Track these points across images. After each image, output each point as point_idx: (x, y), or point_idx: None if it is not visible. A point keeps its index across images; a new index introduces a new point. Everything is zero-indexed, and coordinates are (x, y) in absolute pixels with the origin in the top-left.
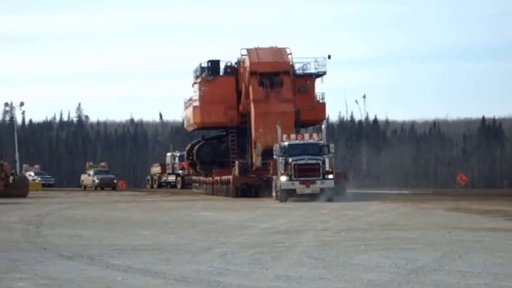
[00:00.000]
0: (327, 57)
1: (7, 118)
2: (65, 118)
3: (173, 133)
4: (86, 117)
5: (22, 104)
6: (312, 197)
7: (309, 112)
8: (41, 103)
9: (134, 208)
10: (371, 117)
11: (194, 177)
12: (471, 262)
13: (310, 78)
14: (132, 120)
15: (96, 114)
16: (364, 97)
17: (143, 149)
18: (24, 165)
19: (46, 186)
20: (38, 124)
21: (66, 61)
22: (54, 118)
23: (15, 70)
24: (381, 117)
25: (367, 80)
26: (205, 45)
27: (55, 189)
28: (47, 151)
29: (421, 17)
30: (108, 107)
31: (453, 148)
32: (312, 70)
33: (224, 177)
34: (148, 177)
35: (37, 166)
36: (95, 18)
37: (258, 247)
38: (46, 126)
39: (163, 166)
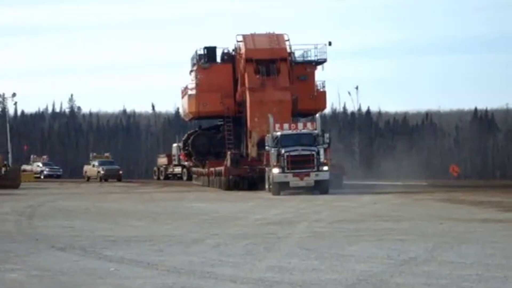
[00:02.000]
0: (327, 43)
1: None
2: (57, 109)
3: (166, 124)
4: (79, 108)
5: (14, 95)
6: (306, 189)
7: (309, 101)
8: (33, 94)
9: (127, 199)
10: (364, 108)
11: (193, 169)
12: (463, 253)
13: (310, 65)
14: (124, 111)
15: (88, 105)
16: (357, 88)
17: (136, 140)
18: (32, 156)
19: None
20: (31, 115)
21: (58, 52)
22: (47, 109)
23: (7, 61)
24: (373, 109)
25: (359, 71)
26: (201, 34)
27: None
28: (39, 142)
29: (414, 9)
30: (100, 98)
31: (445, 139)
32: (312, 57)
33: (218, 169)
34: (155, 168)
35: (44, 156)
36: (88, 10)
37: (251, 238)
38: (39, 117)
39: (170, 157)
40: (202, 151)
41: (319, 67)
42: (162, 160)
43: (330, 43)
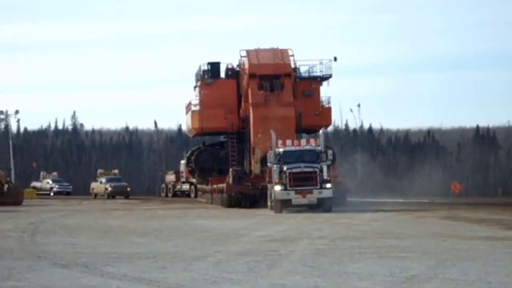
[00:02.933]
0: (333, 59)
1: (2, 126)
2: (60, 126)
3: (168, 141)
4: (81, 125)
5: (17, 112)
6: (309, 207)
7: (314, 117)
8: (36, 111)
9: (129, 216)
10: (366, 126)
11: (198, 186)
12: (465, 271)
13: (315, 81)
14: (127, 128)
15: (91, 122)
16: (359, 105)
17: (138, 157)
18: (41, 173)
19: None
20: (33, 132)
21: (61, 69)
22: (49, 126)
23: (10, 78)
24: (375, 126)
25: (361, 89)
26: (205, 51)
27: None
28: (41, 159)
29: (415, 26)
30: (103, 115)
31: (447, 156)
32: (317, 73)
33: (220, 185)
34: (163, 185)
35: (55, 173)
36: (90, 27)
37: (253, 255)
38: (41, 134)
39: (178, 174)
40: (205, 168)
41: (324, 83)
42: (170, 177)
43: (335, 59)
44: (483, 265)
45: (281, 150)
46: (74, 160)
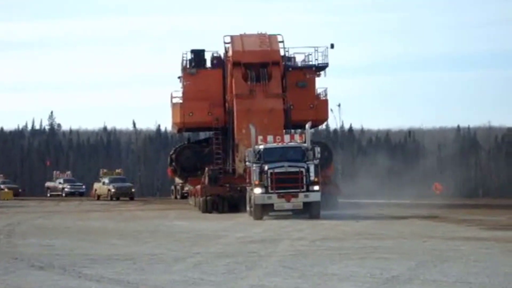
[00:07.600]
0: (329, 46)
1: None
2: (37, 126)
3: (147, 141)
4: (59, 125)
5: None
6: (294, 213)
7: (309, 111)
8: (13, 111)
9: (107, 217)
10: (346, 126)
11: (187, 187)
12: (446, 271)
13: (310, 71)
14: (105, 128)
15: (68, 122)
16: (339, 105)
17: (116, 157)
18: (54, 172)
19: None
20: (10, 132)
21: (38, 69)
22: (26, 126)
23: None
24: (356, 126)
25: (342, 88)
26: (186, 48)
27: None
28: (18, 160)
29: (394, 27)
30: (80, 115)
31: (428, 157)
32: (313, 62)
33: (198, 187)
34: (172, 187)
35: (68, 172)
36: (67, 26)
37: (233, 257)
38: (18, 134)
39: None
40: (188, 167)
41: (321, 74)
42: (179, 179)
43: (332, 46)
44: (464, 265)
45: (261, 147)
46: (51, 161)
